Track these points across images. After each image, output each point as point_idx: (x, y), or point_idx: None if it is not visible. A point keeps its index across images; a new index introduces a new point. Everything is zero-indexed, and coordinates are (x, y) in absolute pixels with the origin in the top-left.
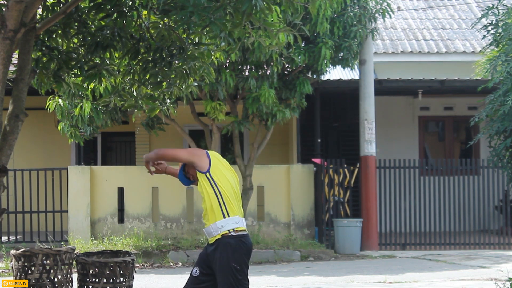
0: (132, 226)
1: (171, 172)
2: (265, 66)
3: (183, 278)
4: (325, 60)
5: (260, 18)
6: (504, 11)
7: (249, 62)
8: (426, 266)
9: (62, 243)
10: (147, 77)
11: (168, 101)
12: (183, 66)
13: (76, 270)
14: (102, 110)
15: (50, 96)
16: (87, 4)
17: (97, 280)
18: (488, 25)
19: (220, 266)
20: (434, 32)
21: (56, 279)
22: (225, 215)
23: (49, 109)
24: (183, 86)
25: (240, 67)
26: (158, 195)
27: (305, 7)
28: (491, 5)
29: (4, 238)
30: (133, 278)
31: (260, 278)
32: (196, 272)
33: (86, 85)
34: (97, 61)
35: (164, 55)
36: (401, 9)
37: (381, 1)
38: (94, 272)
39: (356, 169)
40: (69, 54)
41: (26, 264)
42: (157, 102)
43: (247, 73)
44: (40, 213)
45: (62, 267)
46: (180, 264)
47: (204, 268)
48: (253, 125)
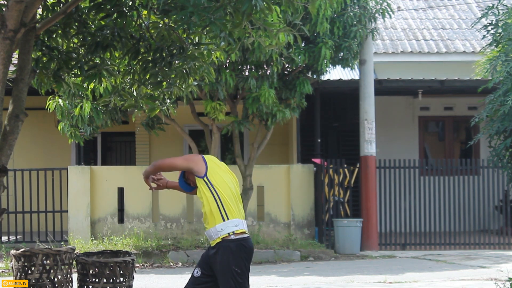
0: (132, 226)
1: (173, 186)
2: (265, 66)
3: (183, 278)
4: (325, 60)
5: (260, 18)
6: (504, 11)
7: (249, 62)
8: (426, 266)
9: (62, 243)
10: (147, 77)
11: (168, 101)
12: (183, 66)
13: (76, 270)
14: (102, 110)
15: (50, 96)
16: (87, 4)
17: (97, 280)
18: (488, 25)
19: (221, 269)
20: (434, 32)
21: (56, 279)
22: (224, 218)
23: (49, 109)
24: (183, 86)
25: (240, 67)
26: (158, 195)
27: (305, 7)
28: (491, 5)
29: (4, 238)
30: (133, 278)
31: (260, 278)
32: (198, 272)
33: (86, 85)
34: (97, 61)
35: (164, 55)
36: (401, 9)
37: (381, 1)
38: (94, 272)
39: (356, 169)
40: (69, 54)
41: (26, 264)
42: (157, 102)
43: (247, 73)
44: (40, 213)
45: (62, 267)
46: (180, 264)
47: (206, 269)
48: (253, 125)
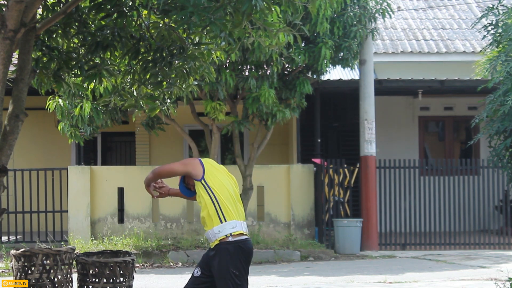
0: (132, 226)
1: (174, 193)
2: (265, 66)
3: (183, 278)
4: (325, 60)
5: (260, 18)
6: (504, 11)
7: (249, 62)
8: (426, 266)
9: (62, 243)
10: (148, 77)
11: (168, 100)
12: (184, 65)
13: (76, 270)
14: (102, 110)
15: (50, 96)
16: (87, 4)
17: (97, 280)
18: (488, 25)
19: (219, 271)
20: (434, 32)
21: (56, 279)
22: (222, 220)
23: (49, 109)
24: (184, 86)
25: (240, 67)
26: None
27: (305, 7)
28: (491, 5)
29: (4, 238)
30: (133, 278)
31: (260, 278)
32: (198, 272)
33: (86, 85)
34: (97, 61)
35: (164, 54)
36: (401, 9)
37: (381, 1)
38: (94, 272)
39: (356, 169)
40: (69, 54)
41: (26, 264)
42: (157, 102)
43: (247, 73)
44: (40, 213)
45: (62, 267)
46: (180, 264)
47: (206, 270)
48: (253, 125)
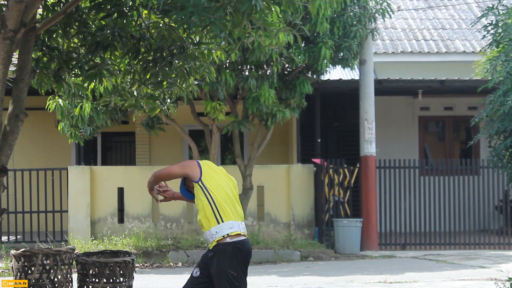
0: (132, 226)
1: (178, 196)
2: (265, 66)
3: (183, 278)
4: (325, 60)
5: (260, 18)
6: (504, 11)
7: (249, 62)
8: (426, 266)
9: (62, 243)
10: (148, 77)
11: (169, 100)
12: (184, 65)
13: (76, 270)
14: (102, 110)
15: (50, 96)
16: (87, 4)
17: (97, 280)
18: (488, 25)
19: (217, 273)
20: (434, 32)
21: (56, 279)
22: (219, 221)
23: (49, 109)
24: (184, 86)
25: (240, 67)
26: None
27: (305, 6)
28: (491, 5)
29: (4, 238)
30: (133, 278)
31: (260, 278)
32: (197, 273)
33: (86, 85)
34: (98, 61)
35: (165, 54)
36: (401, 9)
37: (381, 1)
38: (94, 272)
39: (356, 169)
40: (69, 54)
41: (26, 264)
42: (157, 101)
43: (247, 73)
44: (40, 213)
45: (62, 267)
46: (180, 264)
47: (205, 270)
48: (253, 125)
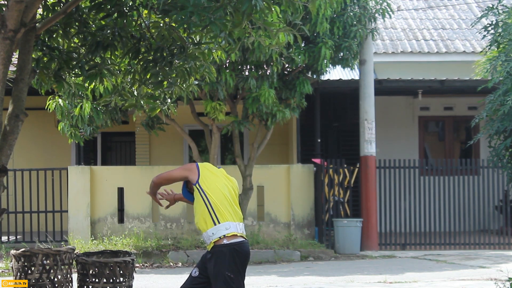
0: (132, 226)
1: (179, 197)
2: (265, 66)
3: (183, 278)
4: (325, 60)
5: (260, 18)
6: (504, 11)
7: (249, 62)
8: (426, 266)
9: (62, 243)
10: (148, 77)
11: (169, 100)
12: (184, 65)
13: (76, 270)
14: (102, 110)
15: (50, 96)
16: (87, 3)
17: (97, 280)
18: (488, 25)
19: (214, 274)
20: (434, 32)
21: (56, 279)
22: (215, 222)
23: (49, 109)
24: (184, 86)
25: (240, 67)
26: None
27: (305, 6)
28: (491, 5)
29: (4, 238)
30: (133, 278)
31: (260, 278)
32: (196, 273)
33: (87, 85)
34: (98, 60)
35: (165, 54)
36: (401, 9)
37: (381, 1)
38: (94, 272)
39: (356, 169)
40: (69, 54)
41: (26, 264)
42: (157, 101)
43: (247, 73)
44: (40, 213)
45: (62, 267)
46: (180, 264)
47: (203, 270)
48: (253, 125)
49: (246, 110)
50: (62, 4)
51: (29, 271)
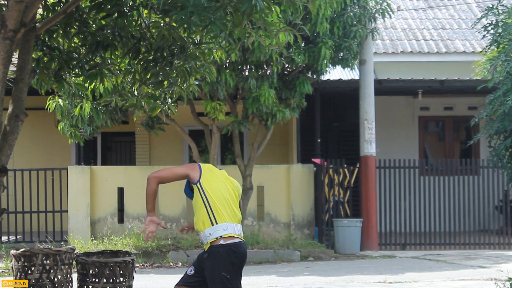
0: (132, 226)
1: (191, 226)
2: (265, 66)
3: None
4: (325, 60)
5: (260, 18)
6: (504, 10)
7: (249, 62)
8: (426, 266)
9: (62, 243)
10: (148, 77)
11: (170, 100)
12: (184, 65)
13: (76, 270)
14: (102, 110)
15: (50, 96)
16: (87, 3)
17: (97, 280)
18: (488, 25)
19: (210, 274)
20: (434, 32)
21: (56, 279)
22: (213, 223)
23: (49, 109)
24: (184, 85)
25: (240, 67)
26: (158, 195)
27: (305, 6)
28: (491, 5)
29: (4, 238)
30: (133, 278)
31: (260, 278)
32: (191, 271)
33: (87, 85)
34: (98, 60)
35: (165, 54)
36: (401, 9)
37: (381, 1)
38: (94, 272)
39: (356, 169)
40: (70, 53)
41: (26, 264)
42: (158, 101)
43: (247, 73)
44: (40, 213)
45: (62, 267)
46: (180, 264)
47: (199, 269)
48: (253, 125)
49: (246, 110)
50: (62, 4)
51: (29, 271)
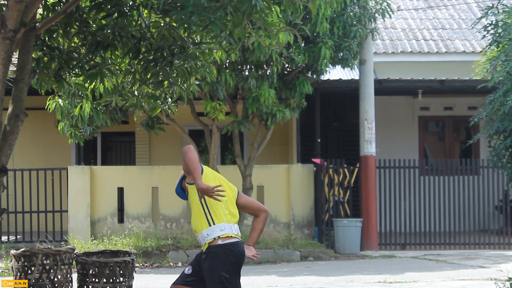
0: (132, 226)
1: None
2: (265, 66)
3: None
4: (325, 60)
5: (261, 18)
6: (504, 10)
7: (249, 62)
8: (426, 266)
9: (62, 243)
10: (148, 76)
11: (170, 100)
12: (184, 65)
13: (76, 270)
14: (102, 110)
15: (50, 96)
16: (87, 3)
17: (97, 280)
18: (488, 25)
19: (209, 274)
20: (434, 32)
21: (56, 279)
22: (210, 224)
23: (49, 109)
24: (185, 85)
25: (240, 67)
26: (158, 195)
27: (305, 6)
28: (491, 5)
29: (4, 238)
30: (133, 278)
31: (260, 278)
32: (189, 270)
33: (87, 85)
34: (98, 60)
35: (165, 54)
36: (401, 9)
37: (381, 1)
38: (94, 272)
39: (356, 169)
40: (70, 53)
41: (26, 264)
42: (158, 101)
43: (247, 73)
44: (40, 213)
45: (62, 267)
46: (180, 264)
47: (196, 269)
48: (253, 125)
49: (246, 110)
50: (62, 4)
51: (29, 271)
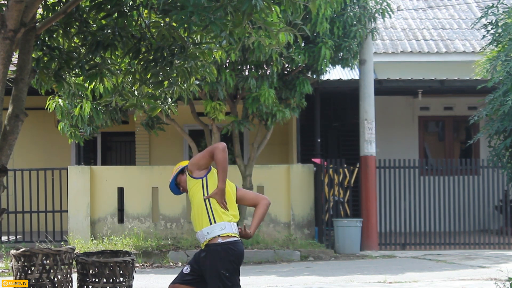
0: (132, 226)
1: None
2: (265, 66)
3: None
4: (325, 60)
5: (261, 18)
6: (504, 10)
7: (249, 62)
8: (426, 266)
9: (62, 243)
10: (148, 76)
11: (170, 100)
12: (184, 65)
13: (76, 270)
14: (102, 110)
15: (50, 96)
16: (87, 3)
17: (97, 280)
18: (488, 24)
19: (210, 273)
20: (434, 32)
21: (56, 279)
22: (211, 222)
23: (49, 109)
24: (185, 85)
25: (240, 67)
26: (158, 195)
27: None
28: (491, 5)
29: (4, 238)
30: (133, 278)
31: (260, 278)
32: (187, 269)
33: (87, 85)
34: (98, 60)
35: (165, 54)
36: (401, 9)
37: (381, 1)
38: (94, 272)
39: (356, 169)
40: (70, 53)
41: (26, 264)
42: (158, 101)
43: (247, 73)
44: (40, 213)
45: (62, 267)
46: (180, 264)
47: (195, 268)
48: (253, 125)
49: (246, 110)
50: (62, 4)
51: (29, 271)
